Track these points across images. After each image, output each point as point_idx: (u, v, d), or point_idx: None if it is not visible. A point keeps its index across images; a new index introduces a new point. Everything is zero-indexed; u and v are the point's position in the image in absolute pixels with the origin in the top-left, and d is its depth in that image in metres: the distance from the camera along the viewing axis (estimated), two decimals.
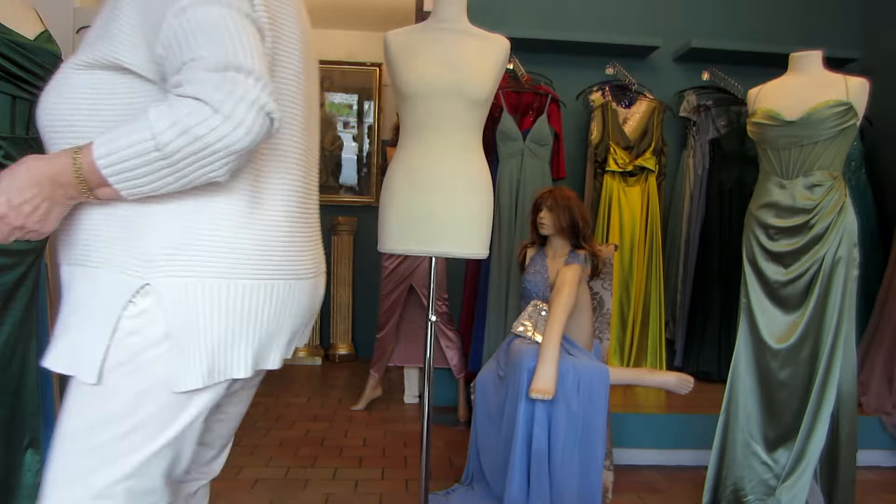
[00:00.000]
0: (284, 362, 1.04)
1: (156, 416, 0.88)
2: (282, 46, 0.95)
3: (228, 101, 0.76)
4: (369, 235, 5.13)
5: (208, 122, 0.76)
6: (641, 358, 3.45)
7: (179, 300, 0.86)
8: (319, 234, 1.13)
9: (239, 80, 0.77)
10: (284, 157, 0.98)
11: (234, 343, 0.90)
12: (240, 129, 0.77)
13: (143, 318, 0.86)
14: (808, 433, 2.20)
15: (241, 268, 0.90)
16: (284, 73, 0.96)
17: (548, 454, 2.15)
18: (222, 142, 0.77)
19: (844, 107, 2.18)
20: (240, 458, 2.77)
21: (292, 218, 0.98)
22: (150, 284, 0.85)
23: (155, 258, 0.86)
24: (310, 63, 1.07)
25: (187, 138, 0.76)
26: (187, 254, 0.86)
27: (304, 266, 1.00)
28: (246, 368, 0.92)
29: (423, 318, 3.58)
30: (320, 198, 1.17)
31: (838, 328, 2.20)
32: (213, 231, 0.88)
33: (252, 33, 0.82)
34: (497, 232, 3.22)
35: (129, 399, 0.87)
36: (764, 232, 2.33)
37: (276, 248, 0.94)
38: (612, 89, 3.52)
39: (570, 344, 2.33)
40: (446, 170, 1.90)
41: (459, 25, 2.01)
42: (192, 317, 0.87)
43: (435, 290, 2.03)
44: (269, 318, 0.94)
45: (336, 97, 5.46)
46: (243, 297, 0.90)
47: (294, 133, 1.00)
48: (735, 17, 3.78)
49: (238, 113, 0.76)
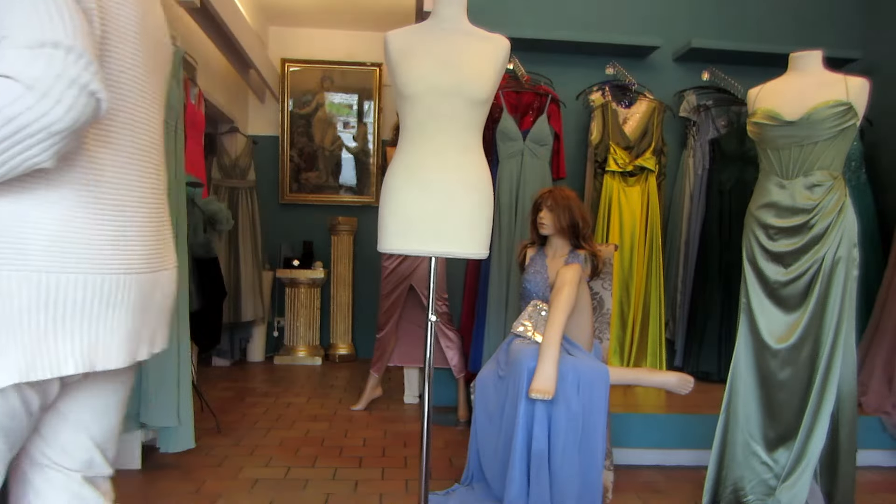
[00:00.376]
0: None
1: None
2: (113, 35, 0.91)
3: (44, 78, 0.72)
4: (369, 235, 5.15)
5: (22, 101, 0.71)
6: (641, 358, 3.45)
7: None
8: (167, 229, 1.10)
9: (57, 55, 0.73)
10: (119, 151, 0.95)
11: (58, 339, 0.88)
12: (58, 108, 0.73)
13: None
14: (808, 433, 2.20)
15: (67, 261, 0.87)
16: (117, 64, 0.93)
17: (548, 454, 2.15)
18: (40, 122, 0.72)
19: (844, 107, 2.18)
20: (240, 458, 2.77)
21: (126, 212, 0.96)
22: None
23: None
24: (153, 59, 1.03)
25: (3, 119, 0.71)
26: (8, 245, 0.83)
27: (139, 261, 0.98)
28: (75, 365, 0.89)
29: (423, 318, 3.58)
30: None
31: (838, 328, 2.20)
32: (39, 223, 0.85)
33: (73, 10, 0.78)
34: (497, 232, 3.22)
35: None
36: (764, 232, 2.33)
37: (105, 243, 0.91)
38: (612, 89, 3.52)
39: (570, 344, 2.33)
40: (446, 170, 1.90)
41: (459, 25, 2.01)
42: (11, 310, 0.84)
43: (435, 290, 2.03)
44: (100, 314, 0.91)
45: (336, 97, 5.46)
46: (66, 290, 0.87)
47: (130, 126, 0.97)
48: (735, 17, 3.79)
49: (55, 91, 0.72)
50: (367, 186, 5.47)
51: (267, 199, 5.30)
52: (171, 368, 2.50)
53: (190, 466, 2.64)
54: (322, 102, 5.45)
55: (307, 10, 5.11)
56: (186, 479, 2.51)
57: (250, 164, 4.94)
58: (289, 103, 5.40)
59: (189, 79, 3.21)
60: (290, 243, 5.23)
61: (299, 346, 5.05)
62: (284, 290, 5.13)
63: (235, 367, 4.83)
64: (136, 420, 2.51)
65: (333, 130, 5.47)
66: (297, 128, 5.42)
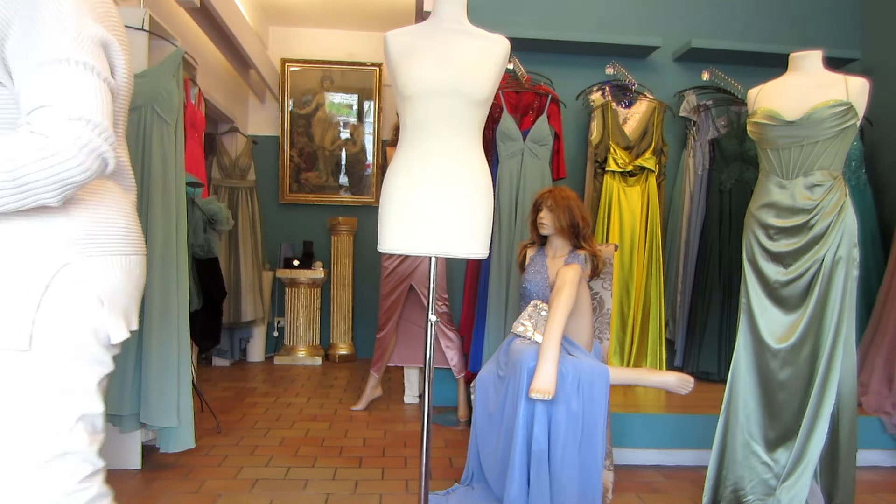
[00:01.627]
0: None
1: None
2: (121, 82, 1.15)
3: (73, 145, 0.94)
4: (369, 235, 5.15)
5: (54, 158, 0.93)
6: (641, 358, 3.45)
7: (102, 274, 1.08)
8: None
9: (86, 129, 0.96)
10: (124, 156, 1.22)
11: (134, 306, 1.17)
12: (77, 168, 0.96)
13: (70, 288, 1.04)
14: (808, 433, 2.20)
15: (137, 245, 1.16)
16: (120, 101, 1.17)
17: (548, 454, 2.14)
18: (61, 175, 0.94)
19: (844, 107, 2.18)
20: (240, 458, 2.78)
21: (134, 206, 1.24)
22: (71, 263, 1.04)
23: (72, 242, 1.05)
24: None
25: (37, 168, 0.93)
26: (99, 236, 1.09)
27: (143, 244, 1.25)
28: (136, 324, 1.18)
29: (423, 318, 3.58)
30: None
31: (838, 328, 2.19)
32: (118, 219, 1.12)
33: (105, 91, 1.01)
34: (497, 232, 3.22)
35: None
36: (764, 232, 2.33)
37: (139, 229, 1.20)
38: (612, 89, 3.52)
39: (570, 344, 2.33)
40: (446, 170, 1.90)
41: (460, 25, 2.00)
42: (130, 283, 1.13)
43: (435, 290, 2.03)
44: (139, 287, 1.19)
45: (336, 97, 5.46)
46: (137, 267, 1.16)
47: (124, 135, 1.23)
48: (735, 17, 3.79)
49: (79, 155, 0.95)
50: (367, 186, 5.47)
51: (267, 199, 5.31)
52: (171, 368, 2.50)
53: (190, 466, 2.64)
54: (322, 102, 5.45)
55: (307, 10, 5.11)
56: (186, 478, 2.51)
57: (250, 164, 4.94)
58: (289, 103, 5.40)
59: (189, 79, 3.21)
60: (290, 243, 5.23)
61: (299, 346, 5.05)
62: (284, 290, 5.13)
63: (235, 367, 4.83)
64: (136, 420, 2.51)
65: (333, 130, 5.47)
66: (297, 128, 5.42)
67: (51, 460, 1.02)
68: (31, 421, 1.01)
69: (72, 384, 1.05)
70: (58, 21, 0.98)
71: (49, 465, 1.02)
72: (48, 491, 1.02)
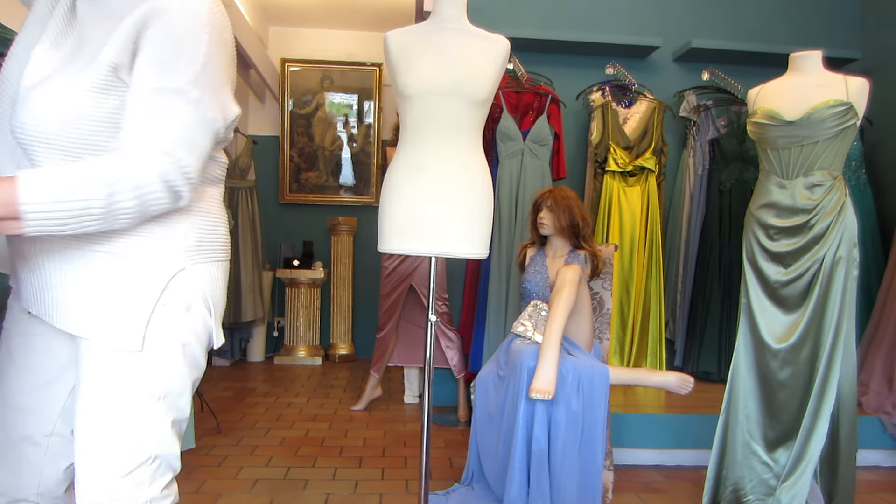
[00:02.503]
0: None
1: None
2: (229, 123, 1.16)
3: (156, 179, 0.95)
4: (369, 235, 5.15)
5: (145, 189, 0.95)
6: (641, 358, 3.45)
7: (208, 279, 1.10)
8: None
9: (171, 165, 0.97)
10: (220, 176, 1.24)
11: (224, 311, 1.17)
12: (160, 202, 0.98)
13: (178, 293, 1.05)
14: (808, 433, 2.20)
15: (225, 253, 1.16)
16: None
17: (548, 454, 2.15)
18: (146, 206, 0.96)
19: (844, 107, 2.18)
20: (240, 458, 2.77)
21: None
22: (185, 269, 1.06)
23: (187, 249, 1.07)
24: None
25: (129, 197, 0.94)
26: (206, 243, 1.10)
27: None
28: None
29: (423, 318, 3.58)
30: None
31: (838, 328, 2.20)
32: (216, 225, 1.13)
33: (208, 138, 1.02)
34: (497, 232, 3.22)
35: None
36: (764, 232, 2.33)
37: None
38: (612, 89, 3.52)
39: (570, 344, 2.33)
40: (446, 170, 1.90)
41: (459, 25, 2.00)
42: (217, 292, 1.12)
43: (435, 290, 2.03)
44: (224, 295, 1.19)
45: (336, 97, 5.46)
46: (223, 275, 1.15)
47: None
48: (735, 17, 3.79)
49: (159, 188, 0.96)
50: (367, 186, 5.47)
51: (267, 199, 5.30)
52: None
53: (190, 466, 2.64)
54: (322, 102, 5.45)
55: (307, 10, 5.11)
56: (186, 479, 2.51)
57: (250, 163, 4.93)
58: (289, 103, 5.40)
59: None
60: (290, 243, 5.23)
61: (299, 346, 5.05)
62: (284, 290, 5.13)
63: (235, 367, 4.83)
64: None
65: (333, 130, 5.47)
66: (297, 128, 5.42)
67: (142, 465, 1.02)
68: (133, 423, 1.01)
69: (173, 387, 1.08)
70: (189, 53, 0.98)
71: (140, 471, 1.02)
72: (136, 498, 1.02)
